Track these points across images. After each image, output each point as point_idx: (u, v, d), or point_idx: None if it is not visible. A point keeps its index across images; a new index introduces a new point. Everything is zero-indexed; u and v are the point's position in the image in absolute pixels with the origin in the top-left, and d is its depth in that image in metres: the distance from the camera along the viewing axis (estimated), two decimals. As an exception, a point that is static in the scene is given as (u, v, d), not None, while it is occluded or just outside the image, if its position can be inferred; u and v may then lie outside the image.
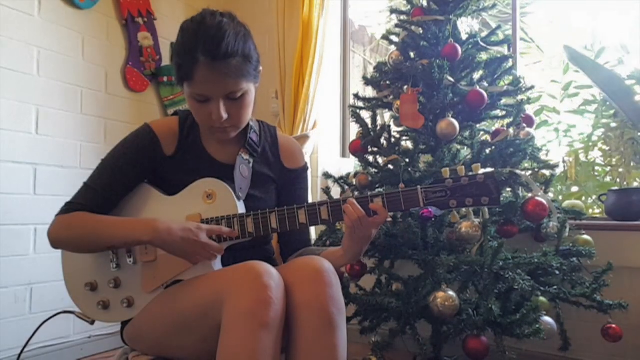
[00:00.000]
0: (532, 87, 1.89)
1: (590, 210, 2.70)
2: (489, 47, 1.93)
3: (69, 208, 1.17)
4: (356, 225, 1.09)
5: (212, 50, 1.05)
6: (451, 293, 1.52)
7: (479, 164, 1.11)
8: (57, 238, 1.16)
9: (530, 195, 1.71)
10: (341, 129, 3.01)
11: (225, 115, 1.11)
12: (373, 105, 2.03)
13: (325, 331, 1.00)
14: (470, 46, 1.94)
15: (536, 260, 1.60)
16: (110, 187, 1.18)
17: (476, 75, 1.94)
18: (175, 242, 1.08)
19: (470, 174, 1.09)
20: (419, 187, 1.09)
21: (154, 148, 1.20)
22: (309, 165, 1.40)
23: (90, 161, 2.36)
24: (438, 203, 1.08)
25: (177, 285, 1.15)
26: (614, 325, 1.66)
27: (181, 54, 1.08)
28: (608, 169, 2.78)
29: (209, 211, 1.16)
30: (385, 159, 1.87)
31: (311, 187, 2.66)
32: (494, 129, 1.93)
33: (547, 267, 1.60)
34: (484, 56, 1.93)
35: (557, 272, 1.64)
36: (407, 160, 1.82)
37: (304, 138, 2.65)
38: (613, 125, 2.48)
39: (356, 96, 2.08)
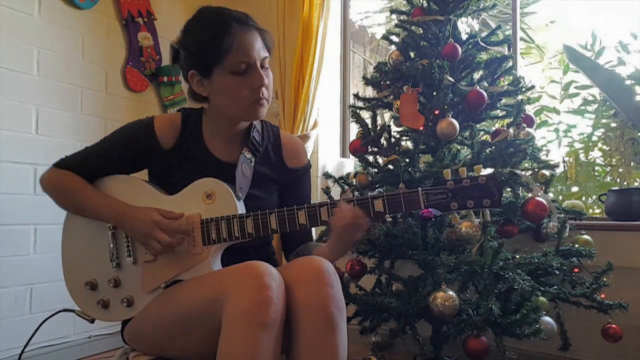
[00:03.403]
0: (532, 87, 1.89)
1: (590, 210, 2.70)
2: (489, 47, 1.92)
3: (63, 165, 1.25)
4: (347, 229, 1.11)
5: (242, 18, 1.15)
6: (451, 293, 1.52)
7: (481, 165, 1.10)
8: (46, 187, 1.25)
9: (530, 195, 1.71)
10: (341, 129, 3.01)
11: (266, 80, 1.16)
12: (373, 105, 2.03)
13: (326, 331, 1.00)
14: (470, 46, 1.93)
15: (536, 260, 1.60)
16: (99, 162, 1.24)
17: (476, 75, 1.94)
18: (134, 236, 1.16)
19: (472, 175, 1.08)
20: (419, 188, 1.08)
21: (147, 142, 1.22)
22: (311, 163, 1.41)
23: (90, 161, 2.36)
24: (439, 205, 1.08)
25: (177, 285, 1.15)
26: (614, 325, 1.66)
27: (212, 33, 1.12)
28: (608, 169, 2.78)
29: (209, 211, 1.16)
30: (385, 159, 1.87)
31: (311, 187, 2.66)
32: (494, 129, 1.92)
33: (547, 267, 1.60)
34: (484, 56, 1.93)
35: (557, 272, 1.64)
36: (407, 160, 1.82)
37: (304, 138, 2.65)
38: (613, 125, 2.48)
39: (356, 96, 2.08)
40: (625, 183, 2.43)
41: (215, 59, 1.12)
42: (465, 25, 2.04)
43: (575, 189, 2.83)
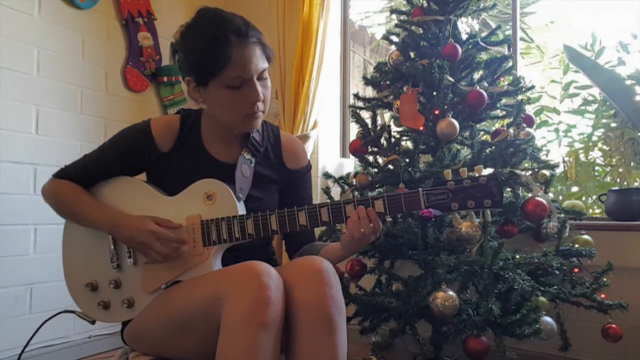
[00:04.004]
0: (532, 87, 1.89)
1: (590, 210, 2.70)
2: (489, 47, 1.92)
3: (62, 175, 1.25)
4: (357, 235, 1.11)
5: (240, 29, 1.11)
6: (451, 293, 1.52)
7: (481, 166, 1.11)
8: (46, 198, 1.26)
9: (530, 195, 1.71)
10: (341, 129, 3.01)
11: (262, 96, 1.14)
12: (373, 105, 2.03)
13: (325, 331, 1.00)
14: (470, 46, 1.93)
15: (536, 260, 1.60)
16: (98, 169, 1.24)
17: (476, 75, 1.94)
18: (131, 244, 1.16)
19: (473, 175, 1.08)
20: (420, 189, 1.08)
21: (145, 145, 1.21)
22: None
23: (90, 161, 2.36)
24: (439, 205, 1.08)
25: (177, 285, 1.15)
26: (614, 325, 1.66)
27: (210, 47, 1.09)
28: (608, 169, 2.78)
29: (209, 212, 1.16)
30: (385, 159, 1.87)
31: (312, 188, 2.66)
32: (494, 129, 1.92)
33: (547, 267, 1.60)
34: (484, 56, 1.93)
35: (557, 272, 1.64)
36: (407, 160, 1.82)
37: (304, 138, 2.65)
38: (613, 125, 2.48)
39: (356, 96, 2.08)
40: (625, 183, 2.43)
41: (211, 72, 1.11)
42: (465, 25, 2.04)
43: (575, 189, 2.83)
